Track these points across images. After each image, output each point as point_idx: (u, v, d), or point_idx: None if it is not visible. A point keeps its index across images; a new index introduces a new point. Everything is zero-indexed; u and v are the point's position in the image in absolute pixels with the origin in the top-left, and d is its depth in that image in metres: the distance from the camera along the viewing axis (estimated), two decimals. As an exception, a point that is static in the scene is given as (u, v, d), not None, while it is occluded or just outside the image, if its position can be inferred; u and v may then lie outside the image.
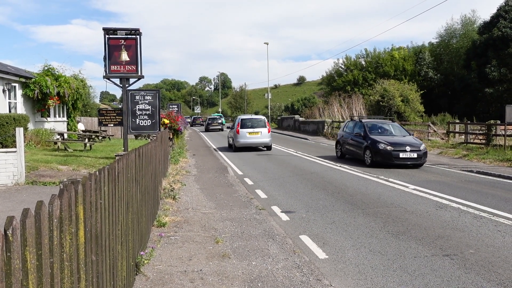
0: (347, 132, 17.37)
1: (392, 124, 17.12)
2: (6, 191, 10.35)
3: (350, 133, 17.00)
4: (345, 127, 18.08)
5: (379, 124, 16.91)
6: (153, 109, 14.79)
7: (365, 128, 16.01)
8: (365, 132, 15.79)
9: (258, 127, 21.71)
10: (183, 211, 8.28)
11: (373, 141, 15.01)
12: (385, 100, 35.67)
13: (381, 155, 14.54)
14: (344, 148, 17.36)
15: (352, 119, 18.29)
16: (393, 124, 17.20)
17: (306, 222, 7.62)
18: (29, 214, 1.79)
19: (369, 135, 15.53)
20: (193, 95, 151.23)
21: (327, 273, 5.21)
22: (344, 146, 17.29)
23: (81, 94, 25.40)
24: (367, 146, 15.22)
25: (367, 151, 15.19)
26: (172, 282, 4.80)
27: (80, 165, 13.98)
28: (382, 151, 14.55)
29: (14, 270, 1.63)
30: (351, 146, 16.66)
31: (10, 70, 19.86)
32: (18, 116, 16.42)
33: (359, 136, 16.07)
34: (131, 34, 13.90)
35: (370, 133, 15.76)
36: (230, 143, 23.41)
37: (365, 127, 16.05)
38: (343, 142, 17.47)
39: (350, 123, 17.85)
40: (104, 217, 3.12)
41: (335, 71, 60.69)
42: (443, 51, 53.07)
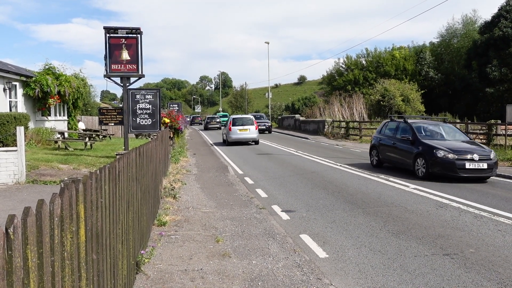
0: (387, 136, 14.37)
1: (446, 126, 14.09)
2: (6, 190, 10.36)
3: (391, 137, 14.04)
4: (383, 129, 15.04)
5: (428, 126, 13.85)
6: (154, 108, 14.80)
7: (414, 131, 13.02)
8: (414, 136, 12.82)
9: (247, 124, 25.57)
10: (184, 210, 8.29)
11: (428, 147, 12.08)
12: (385, 99, 35.66)
13: (441, 165, 11.62)
14: (383, 155, 14.29)
15: (392, 119, 15.07)
16: (447, 126, 14.17)
17: (306, 221, 7.63)
18: (30, 212, 1.80)
19: (420, 139, 12.58)
20: (193, 94, 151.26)
21: (328, 272, 5.22)
22: (384, 153, 14.24)
23: (82, 93, 25.42)
24: (419, 154, 12.26)
25: (419, 159, 12.26)
26: (172, 281, 4.80)
27: (80, 164, 13.99)
28: (441, 160, 11.60)
29: (15, 268, 1.63)
30: (394, 153, 13.69)
31: (10, 69, 19.87)
32: (18, 115, 16.44)
33: (405, 141, 13.06)
34: (132, 33, 13.91)
35: (421, 136, 12.83)
36: (224, 138, 27.28)
37: (413, 130, 13.08)
38: (382, 147, 14.39)
39: (390, 124, 14.84)
40: (104, 216, 3.13)
41: (336, 71, 60.69)
42: (444, 51, 53.06)
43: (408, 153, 12.81)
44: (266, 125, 38.43)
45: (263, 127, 37.25)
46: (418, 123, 13.77)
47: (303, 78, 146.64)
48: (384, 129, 14.90)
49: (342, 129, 31.00)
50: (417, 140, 12.60)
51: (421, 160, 12.16)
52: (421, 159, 12.13)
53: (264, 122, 38.58)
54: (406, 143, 13.04)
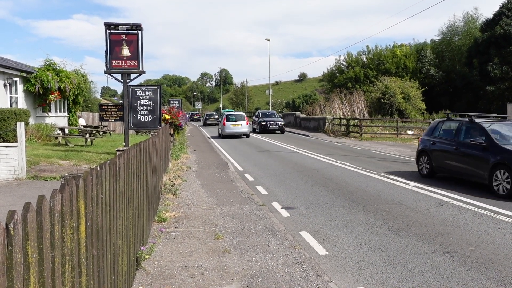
0: (444, 139, 11.70)
1: None
2: (7, 186, 10.37)
3: (450, 140, 11.33)
4: (436, 130, 12.24)
5: (503, 127, 10.91)
6: (154, 104, 14.79)
7: (487, 134, 10.23)
8: (489, 140, 10.06)
9: (239, 120, 28.78)
10: (184, 206, 8.29)
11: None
12: (386, 97, 35.62)
13: None
14: (438, 162, 11.58)
15: (449, 118, 12.27)
16: None
17: (306, 219, 7.63)
18: (31, 208, 1.79)
19: (498, 145, 9.85)
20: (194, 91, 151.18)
21: (327, 269, 5.22)
22: (439, 160, 11.54)
23: (82, 89, 25.41)
24: (498, 164, 9.55)
25: (498, 171, 9.51)
26: (172, 277, 4.81)
27: (81, 160, 14.00)
28: None
29: (16, 264, 1.63)
30: (457, 161, 10.94)
31: (11, 64, 19.85)
32: (19, 110, 16.43)
33: (475, 147, 10.31)
34: (133, 30, 13.89)
35: (498, 140, 10.06)
36: (220, 132, 30.48)
37: (487, 132, 10.28)
38: (436, 153, 11.70)
39: (447, 123, 12.11)
40: (105, 212, 3.13)
41: (337, 68, 60.61)
42: (445, 49, 52.97)
43: (480, 162, 10.12)
44: (279, 123, 32.87)
45: (274, 126, 32.39)
46: (490, 123, 10.85)
47: (304, 75, 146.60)
48: (438, 131, 12.15)
49: (343, 127, 30.97)
50: (494, 146, 9.90)
51: (502, 172, 9.41)
52: (503, 172, 9.39)
53: (276, 120, 33.62)
54: (476, 149, 10.32)
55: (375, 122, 31.38)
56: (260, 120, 33.71)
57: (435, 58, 52.15)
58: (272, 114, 36.65)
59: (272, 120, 33.21)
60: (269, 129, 32.51)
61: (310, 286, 4.63)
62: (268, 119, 33.61)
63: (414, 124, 29.72)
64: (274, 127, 32.55)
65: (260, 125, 33.29)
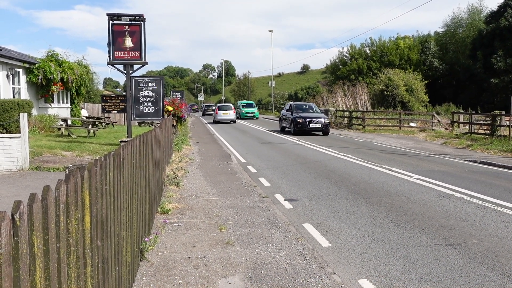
0: None
1: None
2: (10, 176, 10.40)
3: None
4: None
5: None
6: (157, 96, 14.77)
7: None
8: None
9: (228, 110, 37.27)
10: (187, 198, 8.31)
11: None
12: (389, 89, 35.50)
13: None
14: None
15: None
16: None
17: (309, 211, 7.63)
18: (36, 199, 1.79)
19: None
20: (196, 82, 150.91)
21: (330, 261, 5.23)
22: None
23: (85, 80, 25.37)
24: None
25: None
26: (176, 268, 4.83)
27: (84, 151, 14.01)
28: None
29: (22, 254, 1.63)
30: None
31: (13, 55, 19.82)
32: (22, 101, 16.43)
33: None
34: (135, 20, 13.83)
35: None
36: (214, 119, 38.36)
37: None
38: None
39: None
40: (109, 203, 3.13)
41: (340, 60, 60.38)
42: (449, 41, 52.67)
43: None
44: (322, 121, 23.40)
45: (316, 125, 23.15)
46: None
47: (307, 67, 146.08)
48: None
49: (345, 119, 30.91)
50: None
51: None
52: None
53: (317, 117, 23.87)
54: None
55: (378, 115, 31.30)
56: (295, 116, 24.07)
57: (438, 50, 51.89)
58: (309, 107, 26.60)
59: (312, 117, 23.79)
60: (308, 129, 23.29)
61: (313, 278, 4.64)
62: (307, 115, 24.10)
63: (417, 117, 29.62)
64: (316, 126, 23.16)
65: (295, 123, 23.85)
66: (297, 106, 26.42)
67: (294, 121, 23.90)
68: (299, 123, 23.60)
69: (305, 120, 23.52)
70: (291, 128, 24.52)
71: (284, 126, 26.57)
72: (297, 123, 23.66)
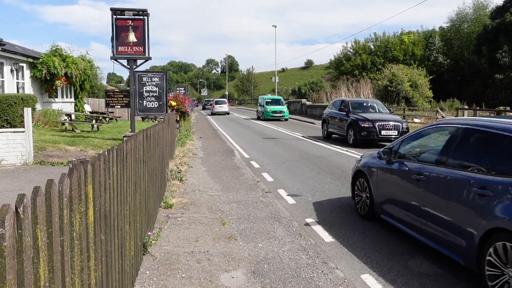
0: None
1: None
2: (14, 171, 10.45)
3: None
4: None
5: None
6: (160, 91, 14.77)
7: None
8: None
9: (223, 104, 46.50)
10: (190, 193, 8.32)
11: None
12: (393, 85, 35.36)
13: None
14: None
15: None
16: None
17: (312, 206, 7.63)
18: (40, 192, 1.80)
19: None
20: (200, 77, 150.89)
21: (333, 256, 5.24)
22: None
23: (89, 75, 25.41)
24: None
25: None
26: (179, 263, 4.84)
27: (87, 146, 14.05)
28: None
29: (26, 247, 1.64)
30: None
31: (17, 50, 19.86)
32: (26, 96, 16.48)
33: None
34: (139, 15, 13.81)
35: None
36: (211, 112, 46.37)
37: None
38: None
39: None
40: (112, 197, 3.14)
41: (344, 55, 60.17)
42: (453, 36, 52.34)
43: None
44: (400, 126, 15.91)
45: (391, 131, 15.70)
46: None
47: (310, 63, 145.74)
48: None
49: (349, 114, 30.78)
50: None
51: None
52: None
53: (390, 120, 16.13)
54: None
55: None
56: (356, 119, 16.42)
57: (443, 45, 51.60)
58: (371, 105, 18.50)
59: (383, 120, 16.04)
60: (379, 138, 15.85)
61: (316, 273, 4.65)
62: (375, 117, 16.40)
63: (421, 112, 29.51)
64: (391, 134, 15.67)
65: (357, 128, 16.09)
66: (355, 103, 18.37)
67: (356, 125, 16.16)
68: (364, 128, 15.85)
69: (374, 124, 15.73)
70: (348, 135, 16.69)
71: (331, 132, 18.96)
72: (360, 128, 15.92)
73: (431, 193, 4.96)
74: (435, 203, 4.86)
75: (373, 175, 6.46)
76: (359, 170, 6.97)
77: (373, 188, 6.41)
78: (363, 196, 6.78)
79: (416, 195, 5.23)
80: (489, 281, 3.98)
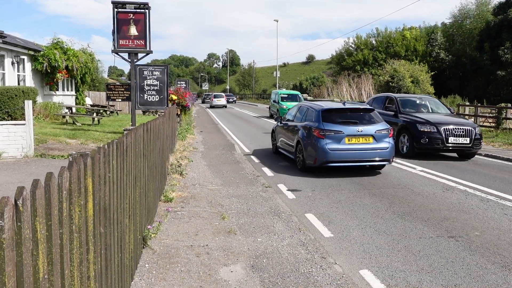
0: None
1: None
2: (15, 163, 10.46)
3: None
4: None
5: None
6: (161, 84, 14.75)
7: None
8: None
9: (220, 97, 50.67)
10: (190, 187, 8.34)
11: None
12: (394, 80, 35.31)
13: None
14: None
15: None
16: None
17: (312, 201, 7.65)
18: (39, 185, 1.80)
19: None
20: (201, 71, 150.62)
21: (332, 251, 5.25)
22: None
23: (90, 68, 25.37)
24: None
25: None
26: (178, 256, 4.86)
27: (88, 139, 14.06)
28: None
29: (25, 239, 1.65)
30: None
31: (19, 42, 19.82)
32: (27, 89, 16.47)
33: None
34: (140, 8, 13.76)
35: None
36: (210, 104, 50.32)
37: None
38: None
39: None
40: (112, 190, 3.14)
41: (345, 50, 60.02)
42: (455, 32, 52.17)
43: None
44: (473, 132, 12.15)
45: (463, 139, 12.06)
46: None
47: (312, 58, 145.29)
48: None
49: (350, 110, 30.72)
50: None
51: None
52: None
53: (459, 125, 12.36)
54: None
55: (383, 106, 31.11)
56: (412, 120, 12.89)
57: (445, 41, 51.46)
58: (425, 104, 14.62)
59: (450, 123, 12.40)
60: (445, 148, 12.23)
61: (315, 268, 4.67)
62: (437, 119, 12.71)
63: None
64: (462, 143, 12.19)
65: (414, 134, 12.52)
66: (405, 100, 14.40)
67: (412, 129, 12.50)
68: (424, 134, 12.15)
69: (438, 128, 12.05)
70: (399, 141, 12.89)
71: None
72: (419, 134, 12.23)
73: (289, 133, 11.41)
74: (290, 137, 11.28)
75: (276, 131, 13.08)
76: (272, 129, 13.72)
77: (276, 137, 12.99)
78: (273, 142, 13.51)
79: (286, 136, 11.68)
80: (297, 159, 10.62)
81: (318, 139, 9.59)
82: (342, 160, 9.62)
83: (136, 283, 4.17)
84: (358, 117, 10.12)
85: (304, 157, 10.03)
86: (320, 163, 9.65)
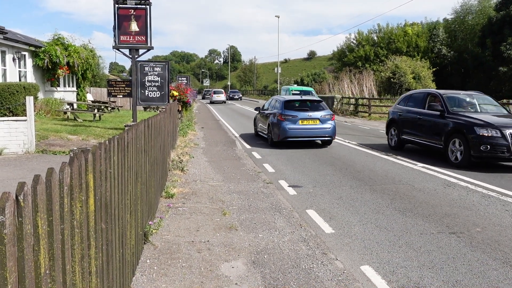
0: None
1: None
2: (16, 159, 10.48)
3: None
4: None
5: None
6: (162, 80, 14.75)
7: None
8: None
9: (220, 94, 54.09)
10: (191, 183, 8.34)
11: None
12: (396, 76, 35.21)
13: None
14: None
15: None
16: None
17: (313, 197, 7.65)
18: (40, 180, 1.80)
19: None
20: (202, 67, 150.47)
21: (333, 247, 5.25)
22: None
23: (91, 64, 25.35)
24: None
25: None
26: (179, 252, 4.87)
27: (89, 135, 14.08)
28: None
29: (26, 235, 1.65)
30: None
31: (20, 38, 19.81)
32: (28, 85, 16.47)
33: None
34: (141, 4, 13.74)
35: None
36: (210, 100, 53.68)
37: None
38: None
39: None
40: (113, 186, 3.15)
41: (347, 46, 59.81)
42: (457, 28, 51.95)
43: None
44: None
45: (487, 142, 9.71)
46: None
47: (313, 54, 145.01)
48: None
49: (351, 106, 30.76)
50: None
51: None
52: None
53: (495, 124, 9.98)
54: None
55: (384, 102, 31.09)
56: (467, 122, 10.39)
57: (447, 37, 51.26)
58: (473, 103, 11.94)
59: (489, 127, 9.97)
60: None
61: (316, 264, 4.68)
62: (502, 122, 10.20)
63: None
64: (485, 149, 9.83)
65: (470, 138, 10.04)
66: (453, 98, 12.03)
67: (468, 133, 10.18)
68: (485, 139, 9.89)
69: (503, 132, 9.84)
70: (449, 148, 10.81)
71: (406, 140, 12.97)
72: (478, 139, 9.95)
73: (263, 119, 14.98)
74: (264, 122, 14.93)
75: (256, 118, 16.67)
76: (254, 118, 17.38)
77: (256, 123, 16.53)
78: (254, 128, 16.91)
79: (262, 121, 15.31)
80: (268, 137, 14.48)
81: (280, 121, 13.32)
82: (297, 136, 13.37)
83: (138, 279, 4.18)
84: (310, 106, 13.96)
85: (272, 135, 13.81)
86: (282, 138, 13.33)
